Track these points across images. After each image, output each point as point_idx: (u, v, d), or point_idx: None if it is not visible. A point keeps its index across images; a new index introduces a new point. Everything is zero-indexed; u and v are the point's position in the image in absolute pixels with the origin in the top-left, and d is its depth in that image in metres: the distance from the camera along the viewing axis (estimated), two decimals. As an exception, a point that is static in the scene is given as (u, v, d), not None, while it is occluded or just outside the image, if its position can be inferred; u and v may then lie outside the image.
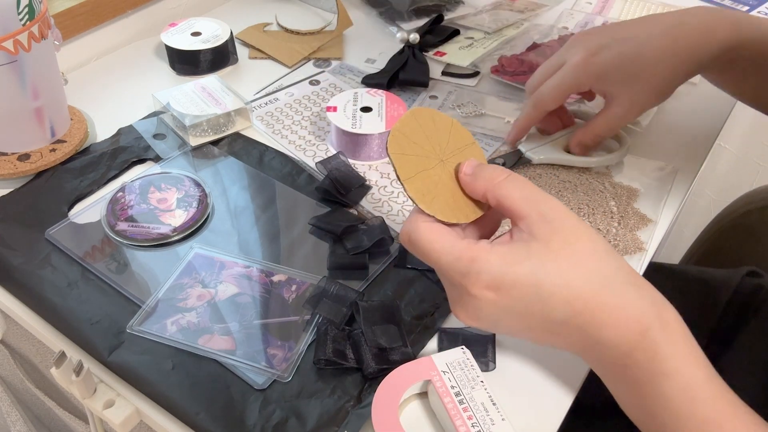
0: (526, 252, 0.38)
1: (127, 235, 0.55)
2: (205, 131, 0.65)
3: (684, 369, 0.37)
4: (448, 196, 0.42)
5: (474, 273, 0.38)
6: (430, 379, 0.43)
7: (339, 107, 0.65)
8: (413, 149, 0.41)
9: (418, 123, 0.42)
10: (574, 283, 0.38)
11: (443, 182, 0.42)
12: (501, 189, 0.40)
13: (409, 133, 0.41)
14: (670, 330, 0.38)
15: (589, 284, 0.38)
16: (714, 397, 0.37)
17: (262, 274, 0.52)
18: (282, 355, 0.47)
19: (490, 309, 0.39)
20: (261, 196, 0.60)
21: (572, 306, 0.38)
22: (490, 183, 0.41)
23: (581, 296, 0.38)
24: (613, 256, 0.39)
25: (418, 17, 0.86)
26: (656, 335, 0.37)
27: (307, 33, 0.82)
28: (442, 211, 0.41)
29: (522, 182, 0.41)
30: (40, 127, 0.61)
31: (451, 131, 0.43)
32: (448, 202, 0.41)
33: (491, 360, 0.47)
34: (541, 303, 0.38)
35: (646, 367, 0.38)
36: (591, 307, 0.38)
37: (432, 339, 0.48)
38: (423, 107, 0.43)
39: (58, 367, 0.44)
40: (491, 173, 0.41)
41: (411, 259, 0.53)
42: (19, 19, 0.54)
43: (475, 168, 0.42)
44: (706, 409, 0.37)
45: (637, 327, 0.38)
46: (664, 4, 0.93)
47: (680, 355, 0.37)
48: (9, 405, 0.67)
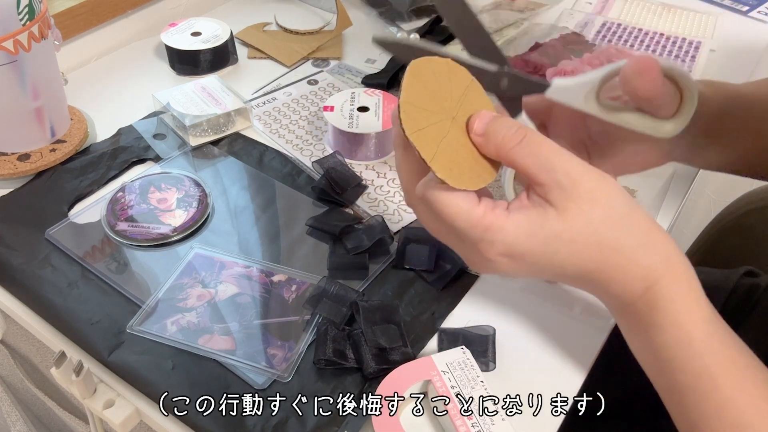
0: (541, 222, 0.38)
1: (127, 235, 0.55)
2: (205, 131, 0.65)
3: (681, 323, 0.38)
4: (470, 159, 0.40)
5: (488, 241, 0.39)
6: (430, 379, 0.43)
7: (336, 107, 0.65)
8: (426, 118, 0.39)
9: (422, 83, 0.40)
10: (586, 250, 0.39)
11: (461, 144, 0.40)
12: (514, 156, 0.39)
13: (417, 101, 0.39)
14: (676, 285, 0.39)
15: (601, 250, 0.39)
16: (711, 352, 0.38)
17: (262, 274, 0.52)
18: (282, 355, 0.47)
19: (504, 268, 0.40)
20: (261, 196, 0.60)
21: (584, 270, 0.39)
22: (503, 149, 0.39)
23: (593, 260, 0.39)
24: (629, 216, 0.39)
25: (418, 17, 0.86)
26: (660, 290, 0.38)
27: (306, 33, 0.82)
28: (471, 180, 0.39)
29: (537, 145, 0.39)
30: (40, 127, 0.61)
31: (450, 76, 0.41)
32: (472, 167, 0.40)
33: (491, 360, 0.47)
34: (552, 266, 0.40)
35: (647, 318, 0.39)
36: (600, 268, 0.39)
37: (432, 339, 0.48)
38: (419, 59, 0.40)
39: (58, 367, 0.44)
40: (503, 136, 0.39)
41: (409, 259, 0.53)
42: (19, 19, 0.54)
43: (486, 126, 0.40)
44: (700, 363, 0.38)
45: (642, 283, 0.39)
46: (663, 4, 0.93)
47: (680, 309, 0.38)
48: (9, 405, 0.67)
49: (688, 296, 0.39)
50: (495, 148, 0.40)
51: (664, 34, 0.86)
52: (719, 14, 0.92)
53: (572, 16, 0.89)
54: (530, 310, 0.51)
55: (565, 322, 0.50)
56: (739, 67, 0.81)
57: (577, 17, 0.89)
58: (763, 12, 0.93)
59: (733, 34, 0.87)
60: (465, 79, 0.42)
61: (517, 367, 0.47)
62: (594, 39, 0.84)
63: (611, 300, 0.41)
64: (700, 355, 0.38)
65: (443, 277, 0.52)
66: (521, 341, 0.49)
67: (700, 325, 0.38)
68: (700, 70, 0.79)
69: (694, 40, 0.85)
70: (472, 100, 0.42)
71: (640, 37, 0.86)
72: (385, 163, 0.64)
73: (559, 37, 0.82)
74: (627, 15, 0.91)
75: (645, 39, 0.85)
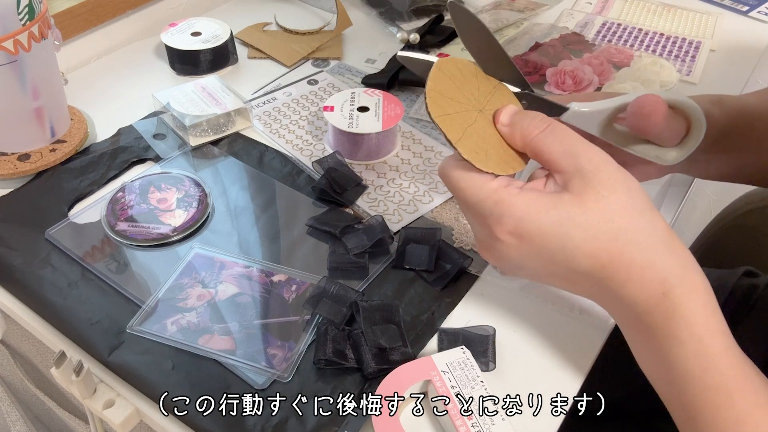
0: (555, 202, 0.38)
1: (127, 235, 0.55)
2: (205, 131, 0.65)
3: (700, 335, 0.36)
4: (498, 148, 0.41)
5: (497, 215, 0.38)
6: (430, 379, 0.43)
7: (336, 107, 0.65)
8: (452, 106, 0.40)
9: (447, 76, 0.41)
10: (601, 237, 0.37)
11: (488, 134, 0.41)
12: (539, 143, 0.39)
13: (443, 90, 0.40)
14: (694, 296, 0.37)
15: (617, 240, 0.37)
16: (729, 366, 0.36)
17: (262, 274, 0.52)
18: (282, 355, 0.47)
19: (512, 252, 0.39)
20: (261, 196, 0.60)
21: (597, 259, 0.37)
22: (528, 136, 0.40)
23: (607, 250, 0.37)
24: (649, 214, 0.38)
25: (418, 17, 0.86)
26: (678, 298, 0.37)
27: (306, 33, 0.82)
28: (498, 165, 0.40)
29: (561, 134, 0.39)
30: (40, 127, 0.61)
31: (477, 76, 0.42)
32: (500, 154, 0.41)
33: (491, 360, 0.47)
34: (564, 253, 0.38)
35: (663, 328, 0.37)
36: (616, 262, 0.37)
37: (432, 339, 0.49)
38: (445, 58, 0.42)
39: (58, 367, 0.44)
40: (528, 125, 0.40)
41: (409, 259, 0.53)
42: (19, 19, 0.54)
43: (512, 117, 0.41)
44: (718, 378, 0.36)
45: (659, 288, 0.37)
46: (664, 5, 0.93)
47: (699, 321, 0.37)
48: (9, 405, 0.67)
49: (706, 308, 0.37)
50: (520, 136, 0.40)
51: (664, 34, 0.86)
52: (719, 14, 0.92)
53: (572, 16, 0.89)
54: (530, 310, 0.51)
55: (565, 322, 0.50)
56: (739, 67, 0.81)
57: (577, 17, 0.89)
58: (763, 12, 0.93)
59: (733, 34, 0.87)
60: (492, 80, 0.43)
61: (517, 367, 0.47)
62: (594, 39, 0.84)
63: (623, 306, 0.39)
64: (718, 370, 0.36)
65: (443, 277, 0.52)
66: (521, 341, 0.49)
67: (718, 338, 0.37)
68: (700, 70, 0.79)
69: (694, 40, 0.85)
70: (500, 98, 0.42)
71: (640, 37, 0.86)
72: (385, 163, 0.64)
73: (559, 37, 0.82)
74: (627, 15, 0.91)
75: (645, 39, 0.85)
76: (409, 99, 0.72)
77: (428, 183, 0.62)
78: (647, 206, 0.39)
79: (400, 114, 0.64)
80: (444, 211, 0.59)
